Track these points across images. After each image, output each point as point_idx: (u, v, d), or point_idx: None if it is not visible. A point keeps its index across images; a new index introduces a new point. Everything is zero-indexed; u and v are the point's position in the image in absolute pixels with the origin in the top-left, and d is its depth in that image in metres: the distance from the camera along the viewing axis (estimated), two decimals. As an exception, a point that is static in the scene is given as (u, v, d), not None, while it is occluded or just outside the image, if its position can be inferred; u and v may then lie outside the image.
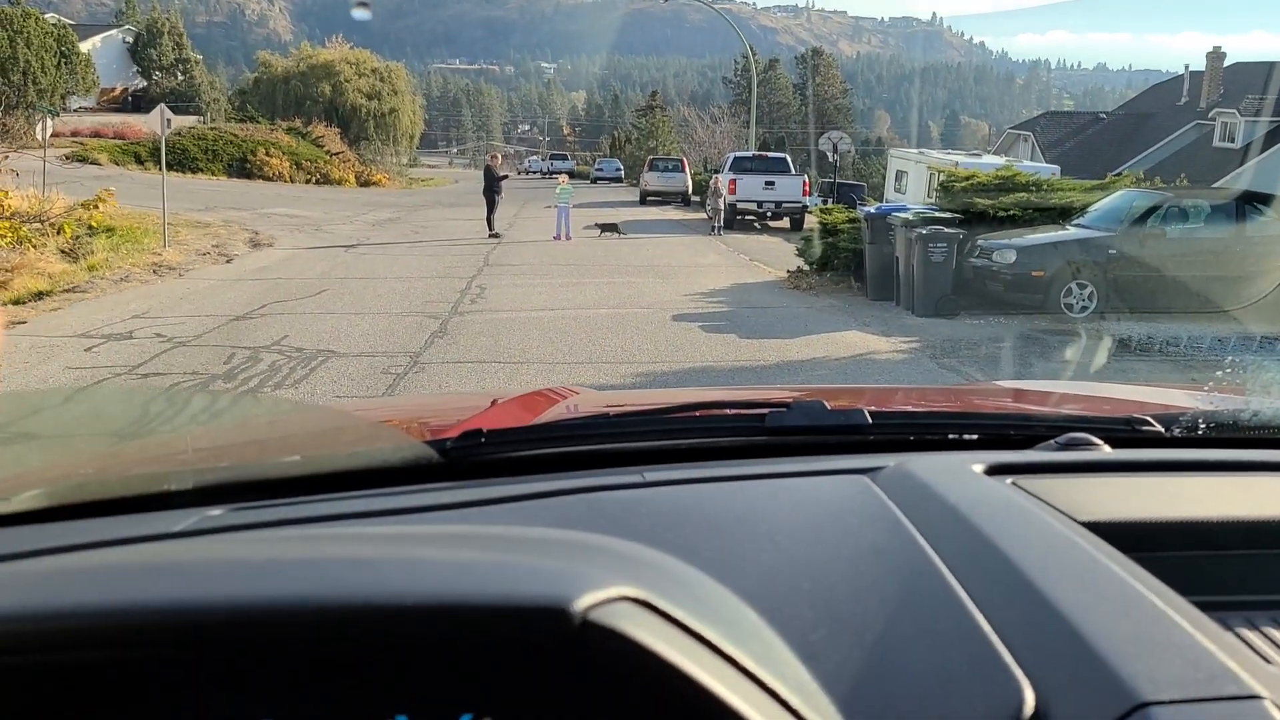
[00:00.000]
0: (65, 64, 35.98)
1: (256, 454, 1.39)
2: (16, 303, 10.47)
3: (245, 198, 26.77)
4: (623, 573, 0.71)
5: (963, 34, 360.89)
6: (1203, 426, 1.31)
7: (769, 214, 23.04)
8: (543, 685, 0.66)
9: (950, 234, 10.32)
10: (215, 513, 0.99)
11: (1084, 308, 10.55)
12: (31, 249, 13.71)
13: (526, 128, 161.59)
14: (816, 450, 1.21)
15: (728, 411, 1.42)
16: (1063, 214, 11.71)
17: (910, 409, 1.79)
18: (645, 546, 0.82)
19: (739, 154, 25.50)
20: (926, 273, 10.27)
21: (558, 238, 18.77)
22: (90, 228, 15.93)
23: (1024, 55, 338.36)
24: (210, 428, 1.69)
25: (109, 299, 10.98)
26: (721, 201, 21.37)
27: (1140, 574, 0.80)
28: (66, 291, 11.29)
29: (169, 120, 16.30)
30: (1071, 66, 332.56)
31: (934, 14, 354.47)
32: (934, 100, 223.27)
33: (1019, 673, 0.68)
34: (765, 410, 1.27)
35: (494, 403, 1.79)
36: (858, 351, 8.93)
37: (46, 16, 37.50)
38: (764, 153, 26.70)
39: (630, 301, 11.47)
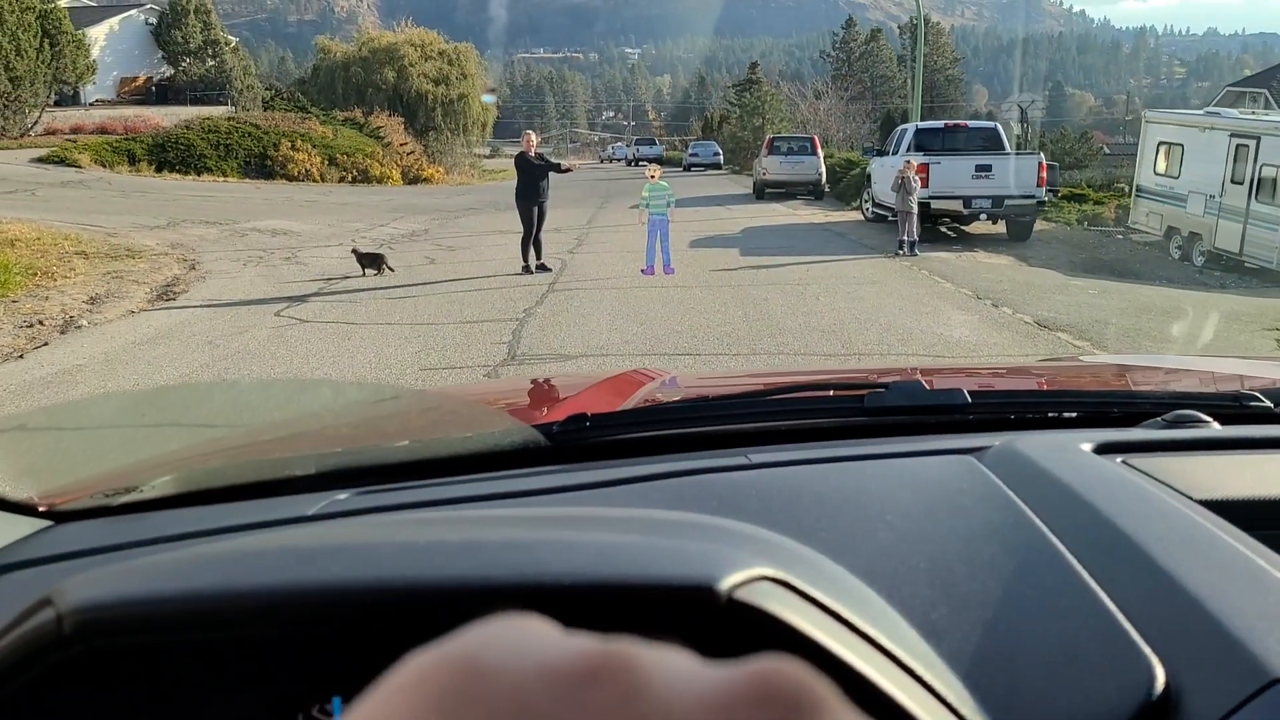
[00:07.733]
0: (50, 46, 29.72)
1: (370, 440, 1.43)
2: None
3: (241, 206, 20.08)
4: (758, 554, 0.70)
5: (1061, 3, 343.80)
6: None
7: (983, 215, 14.80)
8: None
9: None
10: (341, 497, 1.00)
11: None
12: None
13: (611, 114, 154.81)
14: (916, 430, 1.18)
15: (827, 393, 1.42)
16: None
17: (1010, 388, 1.76)
18: (767, 530, 0.80)
19: (923, 125, 16.93)
20: None
21: (649, 270, 11.10)
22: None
23: (1127, 22, 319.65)
24: (323, 416, 1.71)
25: None
26: (913, 200, 13.09)
27: (1264, 551, 0.75)
28: None
29: None
30: (1180, 32, 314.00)
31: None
32: (1034, 72, 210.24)
33: (1148, 650, 0.65)
34: (864, 390, 1.26)
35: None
36: None
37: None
38: (962, 122, 18.08)
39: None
